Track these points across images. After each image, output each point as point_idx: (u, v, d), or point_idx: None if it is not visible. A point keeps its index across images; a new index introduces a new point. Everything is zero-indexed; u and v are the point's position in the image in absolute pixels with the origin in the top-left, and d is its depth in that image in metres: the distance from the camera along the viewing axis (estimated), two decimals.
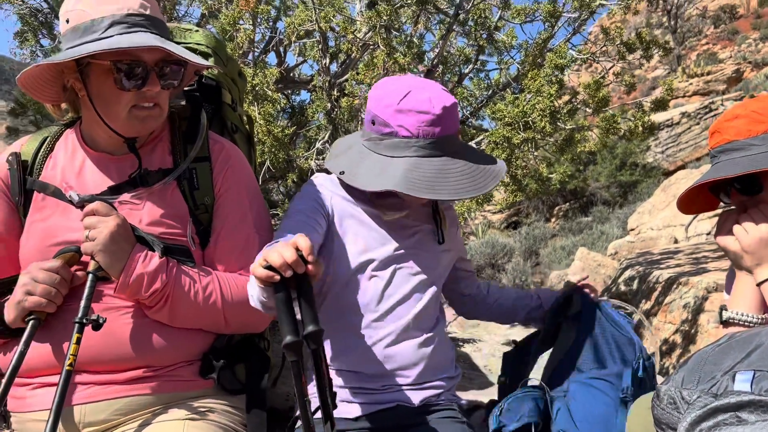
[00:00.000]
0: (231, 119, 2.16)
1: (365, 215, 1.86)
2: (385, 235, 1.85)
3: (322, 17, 4.59)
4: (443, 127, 1.72)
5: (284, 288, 1.32)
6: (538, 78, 4.38)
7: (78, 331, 1.50)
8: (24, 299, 1.55)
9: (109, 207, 1.60)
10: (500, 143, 4.39)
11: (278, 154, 4.35)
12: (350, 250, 1.82)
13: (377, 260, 1.82)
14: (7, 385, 1.46)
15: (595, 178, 19.49)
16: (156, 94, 1.65)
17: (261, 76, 4.27)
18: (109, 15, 1.59)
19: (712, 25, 39.68)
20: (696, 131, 19.36)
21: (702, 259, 6.45)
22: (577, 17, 4.84)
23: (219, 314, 1.70)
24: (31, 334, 1.53)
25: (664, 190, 12.83)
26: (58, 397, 1.44)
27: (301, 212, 1.77)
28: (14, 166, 1.74)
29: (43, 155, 1.77)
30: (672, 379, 1.37)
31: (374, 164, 1.75)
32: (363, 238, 1.84)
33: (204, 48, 2.16)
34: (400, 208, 1.86)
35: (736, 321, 1.66)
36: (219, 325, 1.73)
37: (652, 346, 7.79)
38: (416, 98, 1.71)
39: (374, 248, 1.83)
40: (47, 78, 1.68)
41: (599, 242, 13.60)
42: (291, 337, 1.26)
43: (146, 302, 1.62)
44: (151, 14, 1.65)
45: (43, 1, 5.81)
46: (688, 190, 1.79)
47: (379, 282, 1.82)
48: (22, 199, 1.73)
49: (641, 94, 27.79)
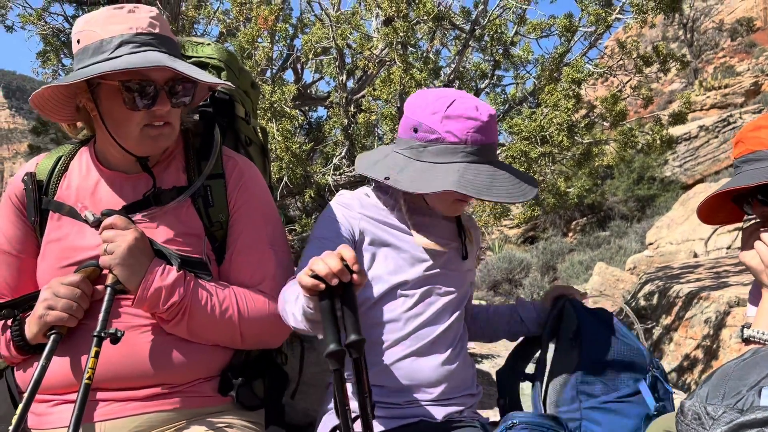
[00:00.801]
0: (245, 132, 2.17)
1: (395, 236, 1.86)
2: (415, 256, 1.85)
3: (338, 34, 4.63)
4: (488, 134, 1.74)
5: (329, 296, 1.35)
6: (555, 92, 4.37)
7: (96, 344, 1.51)
8: (45, 314, 1.56)
9: (127, 221, 1.62)
10: (517, 157, 4.38)
11: (296, 170, 4.36)
12: (380, 272, 1.83)
13: (408, 282, 1.83)
14: (28, 399, 1.46)
15: (612, 192, 19.38)
16: (167, 113, 1.65)
17: (279, 93, 4.31)
18: (118, 35, 1.61)
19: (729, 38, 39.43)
20: (714, 145, 19.19)
21: (723, 274, 6.37)
22: (593, 31, 4.83)
23: (235, 329, 1.70)
24: (53, 349, 1.54)
25: (683, 204, 12.73)
26: (77, 410, 1.44)
27: (326, 239, 1.77)
28: (29, 186, 1.75)
29: (57, 174, 1.79)
30: (696, 394, 1.35)
31: (420, 170, 1.76)
32: (393, 259, 1.84)
33: (216, 61, 2.17)
34: (427, 227, 1.87)
35: (756, 339, 1.63)
36: (235, 340, 1.73)
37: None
38: (463, 105, 1.73)
39: (405, 270, 1.83)
40: (60, 98, 1.70)
41: (617, 257, 13.52)
42: (334, 345, 1.28)
43: (164, 316, 1.63)
44: (160, 33, 1.66)
45: (65, 22, 5.90)
46: (709, 198, 1.77)
47: (407, 302, 1.83)
48: (38, 219, 1.74)
49: (658, 107, 27.64)
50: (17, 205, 1.77)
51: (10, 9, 5.67)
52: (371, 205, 1.88)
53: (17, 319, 1.65)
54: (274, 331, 1.78)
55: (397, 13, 4.15)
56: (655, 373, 1.83)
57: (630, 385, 1.82)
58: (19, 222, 1.77)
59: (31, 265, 1.75)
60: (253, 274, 1.79)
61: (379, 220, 1.86)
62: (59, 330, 1.57)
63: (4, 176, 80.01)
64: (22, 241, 1.76)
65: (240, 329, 1.71)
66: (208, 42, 2.26)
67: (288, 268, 1.87)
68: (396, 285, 1.82)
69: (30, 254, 1.76)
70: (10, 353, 1.66)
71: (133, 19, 1.64)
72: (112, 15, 1.65)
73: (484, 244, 16.40)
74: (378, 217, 1.86)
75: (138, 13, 1.66)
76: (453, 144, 1.73)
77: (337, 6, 5.41)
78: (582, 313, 1.93)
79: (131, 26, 1.62)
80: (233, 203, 1.81)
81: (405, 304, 1.82)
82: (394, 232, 1.86)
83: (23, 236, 1.76)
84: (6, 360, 1.71)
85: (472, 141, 1.72)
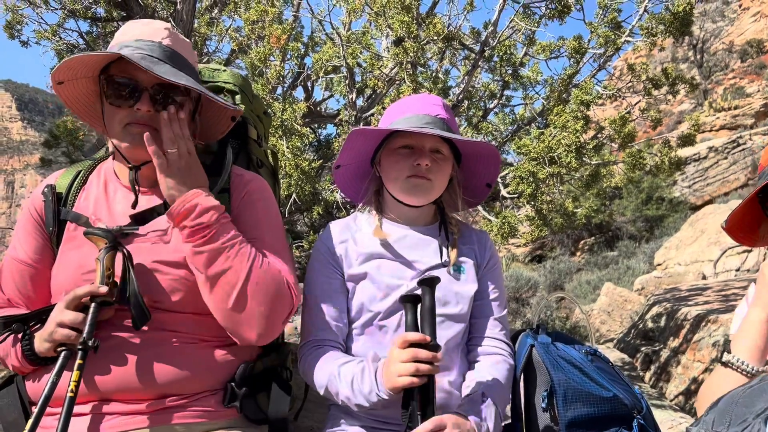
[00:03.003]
0: (256, 154, 2.21)
1: (377, 263, 1.91)
2: (392, 284, 1.88)
3: (349, 53, 4.68)
4: (429, 108, 1.92)
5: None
6: (564, 113, 4.39)
7: (81, 357, 1.52)
8: (55, 331, 1.58)
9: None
10: (525, 178, 4.39)
11: (304, 187, 4.39)
12: (362, 299, 1.90)
13: (381, 311, 1.87)
14: (38, 414, 1.47)
15: (620, 212, 19.33)
16: (148, 116, 1.66)
17: (290, 111, 4.35)
18: (126, 39, 1.69)
19: (739, 60, 39.46)
20: (724, 166, 19.15)
21: (731, 296, 6.33)
22: (603, 53, 4.86)
23: (244, 277, 1.65)
24: (63, 365, 1.55)
25: (692, 224, 12.68)
26: (61, 425, 1.45)
27: (323, 298, 1.92)
28: (49, 198, 1.79)
29: (77, 187, 1.83)
30: (702, 420, 1.35)
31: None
32: (368, 288, 1.90)
33: (231, 86, 2.23)
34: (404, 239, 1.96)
35: (735, 368, 1.60)
36: (242, 291, 1.66)
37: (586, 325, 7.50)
38: (412, 97, 1.97)
39: (379, 299, 1.88)
40: (91, 102, 1.77)
41: (625, 277, 13.46)
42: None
43: (187, 232, 1.64)
44: (167, 45, 1.72)
45: (79, 38, 6.00)
46: (744, 203, 1.69)
47: (387, 330, 1.87)
48: (55, 230, 1.77)
49: (667, 128, 27.63)
50: (36, 218, 1.81)
51: (25, 24, 5.76)
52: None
53: (27, 333, 1.67)
54: (275, 306, 1.70)
55: (408, 33, 4.19)
56: (640, 421, 1.73)
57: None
58: (37, 234, 1.80)
59: (46, 276, 1.77)
60: None
61: (361, 242, 1.95)
62: (69, 347, 1.58)
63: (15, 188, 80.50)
64: (39, 252, 1.79)
65: (249, 278, 1.66)
66: (224, 69, 2.32)
67: (289, 261, 1.87)
68: (374, 314, 1.88)
69: (46, 265, 1.79)
70: (21, 364, 1.68)
71: (150, 29, 1.72)
72: (131, 29, 1.74)
73: None
74: (361, 240, 1.96)
75: (154, 25, 1.74)
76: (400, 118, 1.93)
77: (348, 25, 5.48)
78: (553, 365, 1.81)
79: (138, 34, 1.70)
80: (236, 213, 1.82)
81: (385, 333, 1.87)
82: (377, 254, 1.93)
83: (41, 248, 1.80)
84: (16, 370, 1.73)
85: (412, 111, 1.91)
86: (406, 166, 1.87)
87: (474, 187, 2.08)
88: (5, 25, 5.65)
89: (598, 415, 1.72)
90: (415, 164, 1.85)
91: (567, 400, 1.73)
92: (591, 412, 1.72)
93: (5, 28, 5.66)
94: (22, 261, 1.79)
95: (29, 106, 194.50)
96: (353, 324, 1.91)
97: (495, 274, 2.02)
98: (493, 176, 2.06)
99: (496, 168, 2.03)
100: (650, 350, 6.10)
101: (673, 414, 4.34)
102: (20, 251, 1.80)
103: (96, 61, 1.66)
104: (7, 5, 5.62)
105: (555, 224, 5.05)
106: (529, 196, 4.40)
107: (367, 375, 1.67)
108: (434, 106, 1.92)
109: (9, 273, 1.81)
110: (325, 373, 1.78)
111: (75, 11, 5.39)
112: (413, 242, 1.94)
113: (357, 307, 1.89)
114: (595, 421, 1.72)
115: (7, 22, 5.65)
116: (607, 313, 9.75)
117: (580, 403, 1.73)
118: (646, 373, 5.94)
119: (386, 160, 1.93)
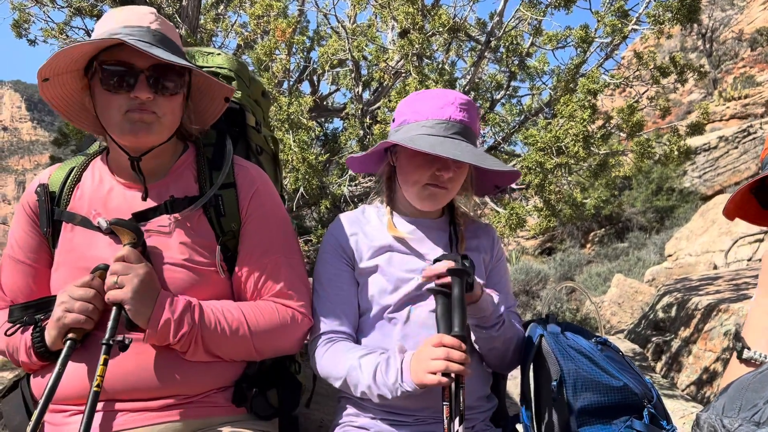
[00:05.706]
0: (255, 141, 2.18)
1: (388, 256, 1.90)
2: (403, 277, 1.88)
3: (354, 46, 4.67)
4: (453, 112, 1.83)
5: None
6: (571, 103, 4.37)
7: (105, 352, 1.51)
8: (63, 316, 1.57)
9: (138, 254, 1.62)
10: (533, 168, 4.37)
11: (312, 181, 4.39)
12: (373, 292, 1.89)
13: (392, 304, 1.86)
14: (44, 405, 1.47)
15: (630, 203, 19.21)
16: (150, 102, 1.63)
17: (296, 105, 4.35)
18: (112, 27, 1.65)
19: (749, 48, 39.09)
20: (734, 155, 18.98)
21: (742, 286, 6.28)
22: (610, 42, 4.83)
23: (249, 344, 1.72)
24: (68, 355, 1.55)
25: (702, 215, 12.59)
26: (86, 418, 1.45)
27: (333, 290, 1.91)
28: (42, 198, 1.77)
29: (70, 185, 1.80)
30: (712, 406, 1.34)
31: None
32: (379, 281, 1.89)
33: (226, 71, 2.19)
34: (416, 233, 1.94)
35: (758, 363, 1.54)
36: (251, 353, 1.74)
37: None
38: (432, 92, 1.90)
39: (389, 292, 1.88)
40: (82, 104, 1.74)
41: (636, 268, 13.38)
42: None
43: (178, 347, 1.63)
44: (155, 29, 1.67)
45: (86, 36, 6.00)
46: (738, 193, 1.65)
47: (396, 322, 1.87)
48: (50, 231, 1.76)
49: (677, 117, 27.42)
50: (30, 215, 1.79)
51: (32, 23, 5.78)
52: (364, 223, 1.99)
53: (38, 325, 1.67)
54: (288, 338, 1.78)
55: (413, 25, 4.18)
56: (650, 410, 1.71)
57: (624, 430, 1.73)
58: (33, 232, 1.78)
59: (45, 275, 1.77)
60: (266, 283, 1.80)
61: (372, 237, 1.94)
62: (75, 336, 1.58)
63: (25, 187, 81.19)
64: (35, 251, 1.78)
65: (253, 343, 1.72)
66: (218, 52, 2.27)
67: (301, 275, 1.88)
68: (384, 306, 1.88)
69: (44, 264, 1.78)
70: (30, 360, 1.68)
71: (135, 15, 1.68)
72: (116, 15, 1.69)
73: None
74: (371, 234, 1.95)
75: (138, 10, 1.71)
76: (417, 122, 1.83)
77: (353, 18, 5.47)
78: (563, 354, 1.80)
79: (123, 18, 1.66)
80: (245, 212, 1.81)
81: (395, 325, 1.87)
82: (389, 250, 1.93)
83: (37, 246, 1.78)
84: (25, 367, 1.73)
85: (430, 115, 1.82)
86: (427, 174, 1.82)
87: (482, 182, 2.05)
88: (12, 24, 5.67)
89: (608, 404, 1.71)
90: (437, 173, 1.81)
91: (577, 390, 1.72)
92: (601, 401, 1.71)
93: (12, 27, 5.67)
94: (19, 260, 1.78)
95: (39, 106, 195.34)
96: (363, 316, 1.91)
97: (501, 266, 2.03)
98: (505, 184, 2.05)
99: (510, 180, 2.01)
100: (661, 340, 6.06)
101: (685, 404, 4.32)
102: (17, 249, 1.79)
103: (91, 50, 1.62)
104: (14, 4, 5.63)
105: (564, 215, 5.03)
106: (536, 186, 4.39)
107: (393, 366, 1.67)
108: (452, 106, 1.82)
109: (9, 273, 1.80)
110: (343, 365, 1.77)
111: (81, 9, 5.40)
112: (422, 235, 1.94)
113: (367, 299, 1.88)
114: (605, 410, 1.71)
115: (14, 21, 5.67)
116: (617, 305, 9.71)
117: (590, 392, 1.71)
118: (657, 363, 5.91)
119: (405, 160, 1.88)
